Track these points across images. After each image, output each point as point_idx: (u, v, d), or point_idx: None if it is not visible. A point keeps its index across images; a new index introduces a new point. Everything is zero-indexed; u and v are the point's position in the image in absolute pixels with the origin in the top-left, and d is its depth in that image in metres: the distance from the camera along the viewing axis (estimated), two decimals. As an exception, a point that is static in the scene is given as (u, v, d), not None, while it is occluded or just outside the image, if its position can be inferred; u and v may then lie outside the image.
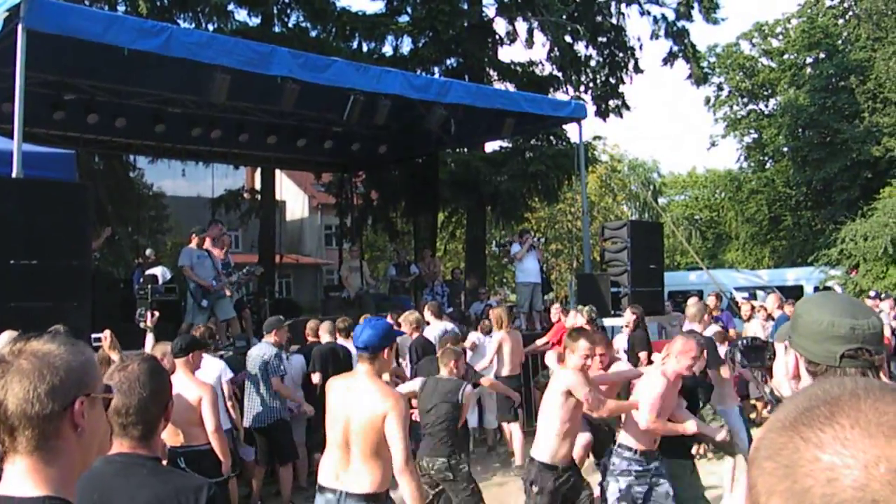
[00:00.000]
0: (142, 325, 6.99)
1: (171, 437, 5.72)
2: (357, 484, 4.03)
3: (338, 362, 8.30)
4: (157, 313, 7.03)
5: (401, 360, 9.43)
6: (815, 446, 0.77)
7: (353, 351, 8.30)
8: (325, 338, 9.01)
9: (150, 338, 6.84)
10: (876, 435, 0.75)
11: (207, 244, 10.91)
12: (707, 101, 37.68)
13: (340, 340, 8.93)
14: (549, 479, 5.30)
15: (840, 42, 33.25)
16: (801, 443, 0.78)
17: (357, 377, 4.19)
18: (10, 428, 1.48)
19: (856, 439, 0.76)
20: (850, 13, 32.99)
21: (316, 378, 8.39)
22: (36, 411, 1.47)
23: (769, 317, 12.25)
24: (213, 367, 7.13)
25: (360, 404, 4.03)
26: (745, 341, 5.20)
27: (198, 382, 5.93)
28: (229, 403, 7.39)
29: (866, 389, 0.81)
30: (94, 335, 6.79)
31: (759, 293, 18.59)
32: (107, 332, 5.91)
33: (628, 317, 10.25)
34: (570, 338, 5.39)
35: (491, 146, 19.37)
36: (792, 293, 18.21)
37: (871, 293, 14.84)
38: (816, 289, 19.69)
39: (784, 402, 0.88)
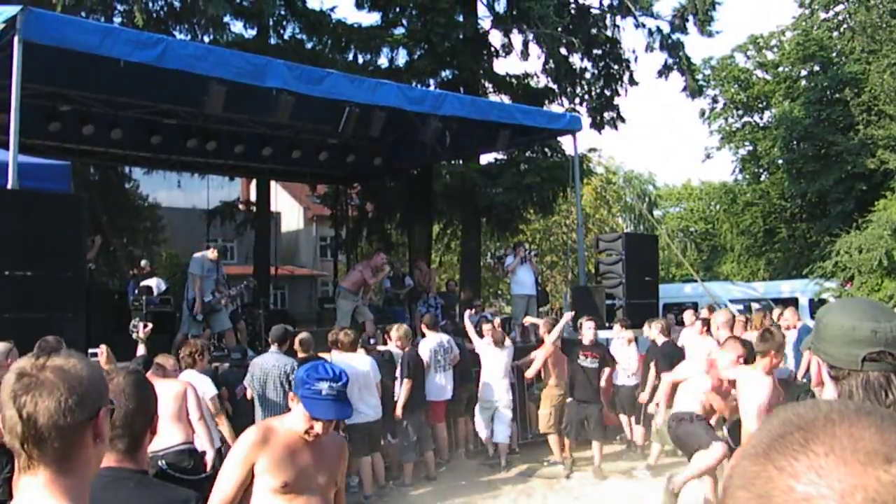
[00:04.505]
0: (134, 336, 7.00)
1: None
2: None
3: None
4: (150, 325, 7.03)
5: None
6: (790, 475, 0.74)
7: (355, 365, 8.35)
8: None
9: (141, 349, 6.84)
10: (851, 462, 0.72)
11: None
12: (702, 113, 37.72)
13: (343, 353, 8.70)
14: None
15: (834, 55, 33.25)
16: (775, 472, 0.75)
17: None
18: (39, 440, 1.51)
19: (831, 468, 0.73)
20: (845, 26, 33.05)
21: None
22: (67, 422, 1.52)
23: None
24: (197, 385, 7.01)
25: None
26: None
27: (172, 378, 6.02)
28: (218, 419, 7.21)
29: (841, 413, 0.78)
30: (90, 350, 6.77)
31: (754, 305, 18.58)
32: (103, 347, 5.98)
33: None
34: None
35: (486, 158, 19.33)
36: (787, 306, 18.18)
37: None
38: (811, 301, 19.61)
39: (758, 427, 0.84)
